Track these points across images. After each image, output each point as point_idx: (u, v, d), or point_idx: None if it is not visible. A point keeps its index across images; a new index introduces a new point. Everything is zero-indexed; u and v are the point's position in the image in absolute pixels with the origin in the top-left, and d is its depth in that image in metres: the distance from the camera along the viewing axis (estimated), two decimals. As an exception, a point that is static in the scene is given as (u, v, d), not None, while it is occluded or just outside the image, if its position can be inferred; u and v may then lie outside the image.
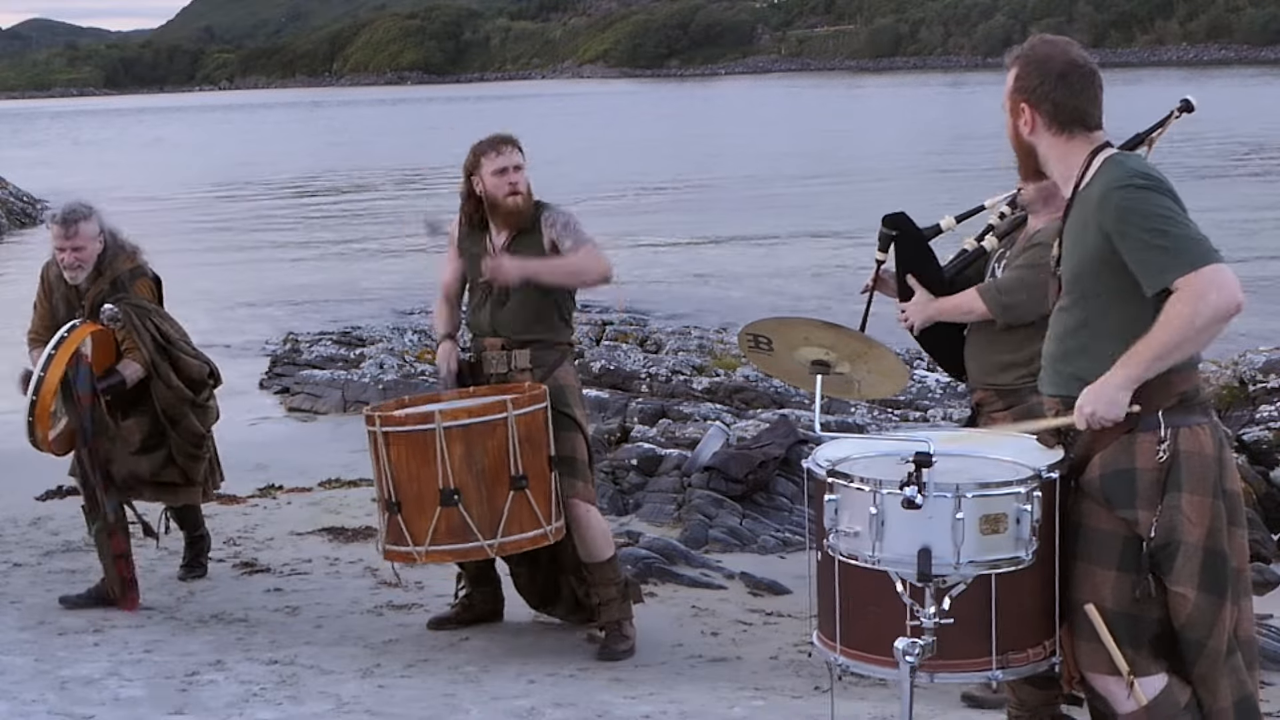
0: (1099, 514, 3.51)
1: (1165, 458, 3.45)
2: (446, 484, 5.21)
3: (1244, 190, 28.61)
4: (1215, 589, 3.48)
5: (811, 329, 4.15)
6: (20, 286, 20.33)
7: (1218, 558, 3.48)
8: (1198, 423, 3.49)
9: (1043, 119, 3.58)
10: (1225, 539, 3.49)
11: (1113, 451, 3.49)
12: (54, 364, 5.87)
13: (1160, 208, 3.39)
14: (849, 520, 3.46)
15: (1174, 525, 3.45)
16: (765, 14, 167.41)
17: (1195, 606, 3.46)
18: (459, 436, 5.21)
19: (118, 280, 6.22)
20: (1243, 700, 3.53)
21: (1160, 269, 3.37)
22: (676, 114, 73.46)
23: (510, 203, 5.54)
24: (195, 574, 6.60)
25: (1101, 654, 3.50)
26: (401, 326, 15.69)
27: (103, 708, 4.74)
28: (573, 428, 5.54)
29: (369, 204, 33.88)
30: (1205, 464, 3.47)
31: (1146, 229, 3.38)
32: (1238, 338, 14.01)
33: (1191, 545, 3.46)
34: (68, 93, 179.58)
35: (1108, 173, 3.48)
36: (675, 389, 11.62)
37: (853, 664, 3.62)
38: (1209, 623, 3.48)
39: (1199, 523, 3.46)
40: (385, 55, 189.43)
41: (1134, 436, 3.47)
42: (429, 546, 5.29)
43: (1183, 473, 3.45)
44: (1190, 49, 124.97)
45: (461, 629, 5.84)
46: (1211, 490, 3.47)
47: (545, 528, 5.36)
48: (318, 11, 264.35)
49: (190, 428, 6.34)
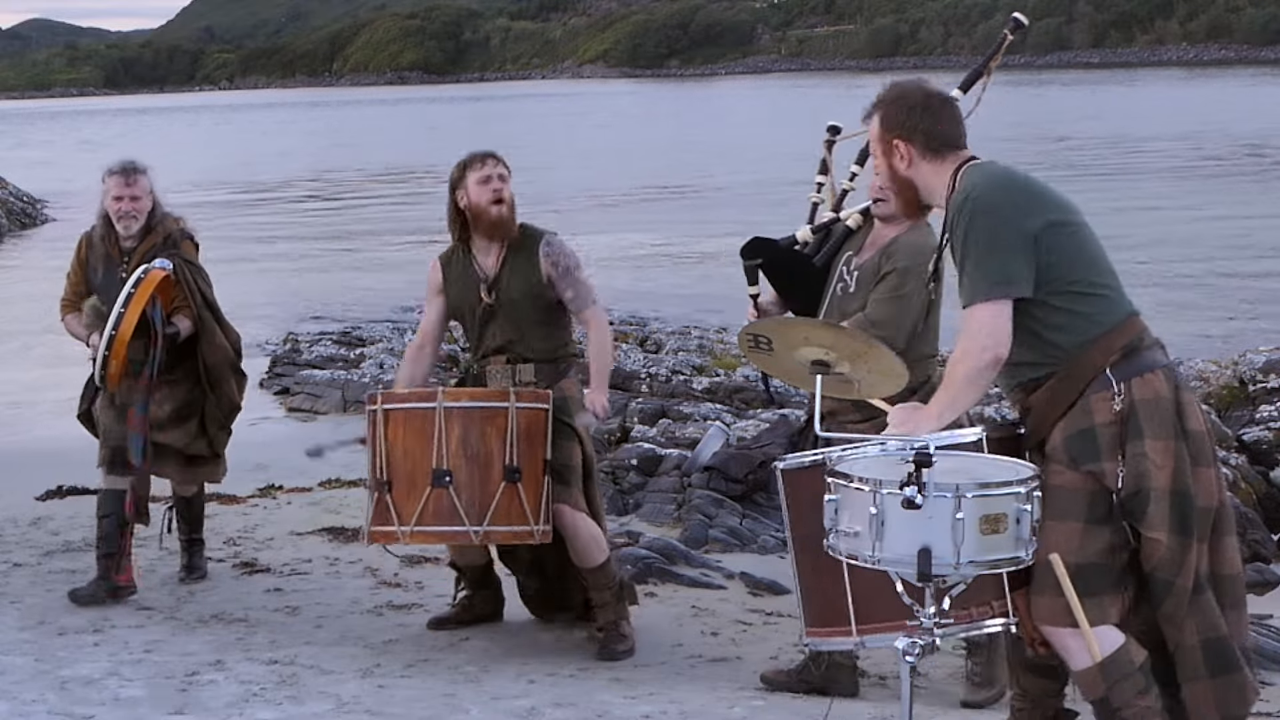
0: (1064, 474, 3.62)
1: (1122, 408, 3.57)
2: (440, 464, 5.22)
3: (1244, 190, 28.61)
4: (1183, 529, 3.58)
5: (811, 329, 4.15)
6: (21, 286, 20.34)
7: (1183, 499, 3.58)
8: (1149, 369, 3.61)
9: (917, 150, 3.76)
10: (1189, 479, 3.59)
11: (1071, 417, 3.62)
12: (134, 302, 5.93)
13: (977, 229, 3.58)
14: (849, 520, 3.46)
15: (1142, 472, 3.55)
16: (765, 14, 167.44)
17: (1166, 549, 3.56)
18: (458, 418, 5.24)
19: (169, 237, 6.32)
20: (1212, 640, 3.61)
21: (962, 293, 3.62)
22: (676, 114, 73.48)
23: (494, 211, 5.54)
24: (195, 576, 6.60)
25: (1060, 605, 3.58)
26: (401, 326, 15.68)
27: (103, 708, 4.74)
28: (571, 437, 5.53)
29: (369, 204, 33.89)
30: (1162, 407, 3.58)
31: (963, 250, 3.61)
32: (1239, 338, 14.03)
33: (1160, 489, 3.56)
34: (68, 93, 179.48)
35: (960, 186, 3.67)
36: (675, 389, 11.62)
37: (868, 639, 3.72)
38: (1177, 563, 3.57)
39: (1164, 465, 3.56)
40: (385, 55, 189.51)
41: (1087, 399, 3.60)
42: (414, 526, 5.27)
43: (1141, 420, 3.57)
44: (1190, 49, 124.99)
45: (461, 629, 5.84)
46: (1172, 432, 3.58)
47: (532, 526, 5.35)
48: (318, 11, 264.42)
49: (229, 394, 6.44)
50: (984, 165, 3.72)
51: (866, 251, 5.08)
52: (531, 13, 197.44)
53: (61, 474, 8.49)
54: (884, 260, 4.98)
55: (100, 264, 6.34)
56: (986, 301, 3.54)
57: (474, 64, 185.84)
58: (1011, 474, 3.45)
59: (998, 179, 3.65)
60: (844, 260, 5.13)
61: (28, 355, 14.70)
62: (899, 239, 4.99)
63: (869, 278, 5.00)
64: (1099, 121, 46.44)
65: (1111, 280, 3.69)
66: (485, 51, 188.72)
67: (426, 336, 5.85)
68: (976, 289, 3.56)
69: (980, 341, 3.55)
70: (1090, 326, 3.62)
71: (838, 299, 5.09)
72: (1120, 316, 3.65)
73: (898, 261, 4.94)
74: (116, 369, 6.05)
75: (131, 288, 5.98)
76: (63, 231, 26.59)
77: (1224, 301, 16.50)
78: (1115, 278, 3.72)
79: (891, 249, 4.98)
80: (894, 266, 4.94)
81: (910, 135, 3.76)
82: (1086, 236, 3.69)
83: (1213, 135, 39.75)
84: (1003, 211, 3.57)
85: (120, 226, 6.28)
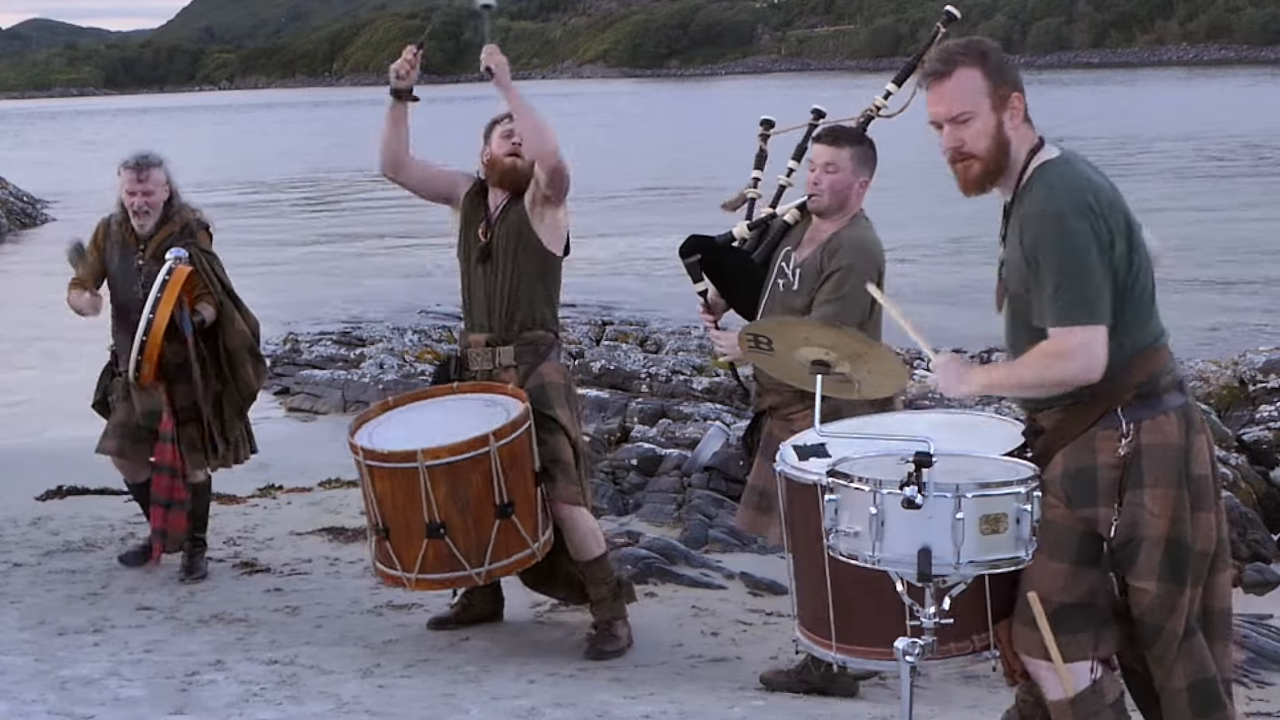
0: (1058, 509, 3.51)
1: (1127, 453, 3.45)
2: (432, 518, 5.20)
3: (1244, 190, 28.60)
4: (1175, 578, 3.47)
5: (811, 329, 4.15)
6: (21, 287, 20.34)
7: (1179, 547, 3.47)
8: (1162, 412, 3.46)
9: (1024, 107, 3.49)
10: (1188, 528, 3.47)
11: (1074, 449, 3.50)
12: (162, 305, 6.12)
13: (1067, 245, 3.36)
14: (849, 520, 3.46)
15: (1136, 522, 3.45)
16: (765, 14, 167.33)
17: (1155, 597, 3.47)
18: (443, 474, 5.17)
19: (186, 227, 6.43)
20: (1201, 682, 3.52)
21: (1041, 310, 3.42)
22: (677, 114, 73.45)
23: (508, 161, 5.58)
24: (195, 576, 6.59)
25: (1036, 639, 3.51)
26: (401, 326, 15.67)
27: (103, 708, 4.74)
28: (555, 430, 5.51)
29: (369, 204, 33.88)
30: (1169, 454, 3.45)
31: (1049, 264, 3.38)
32: (1239, 338, 14.02)
33: (1153, 539, 3.45)
34: (68, 93, 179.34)
35: (1038, 189, 3.43)
36: (675, 389, 11.62)
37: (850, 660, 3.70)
38: (1167, 609, 3.48)
39: (1162, 514, 3.45)
40: (385, 55, 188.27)
41: (1094, 434, 3.48)
42: (418, 574, 5.30)
43: (1144, 467, 3.45)
44: (1190, 49, 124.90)
45: (461, 629, 5.84)
46: (1175, 480, 3.45)
47: (533, 546, 5.36)
48: (318, 11, 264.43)
49: (246, 379, 6.53)
50: (1067, 168, 3.44)
51: (806, 247, 5.08)
52: (531, 13, 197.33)
53: (61, 474, 8.49)
54: (826, 258, 4.98)
55: (116, 251, 6.45)
56: (1090, 326, 3.36)
57: (474, 64, 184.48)
58: (1012, 474, 3.45)
59: (1101, 191, 3.40)
60: (783, 256, 5.14)
61: (28, 356, 14.70)
62: (840, 234, 5.00)
63: (812, 275, 5.00)
64: (1099, 121, 46.40)
65: (1146, 308, 3.49)
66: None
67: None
68: (1079, 310, 3.35)
69: (1089, 359, 3.36)
70: (1113, 363, 3.43)
71: (779, 294, 5.09)
72: (1145, 351, 3.47)
73: (841, 259, 4.94)
74: (149, 370, 6.23)
75: (159, 291, 6.11)
76: (63, 231, 26.61)
77: (1224, 301, 16.52)
78: (1153, 300, 3.52)
79: (833, 245, 4.98)
80: (838, 265, 4.94)
81: (1021, 89, 3.46)
82: (1143, 262, 3.48)
83: (1213, 135, 39.71)
84: (1099, 233, 3.36)
85: (135, 222, 6.40)
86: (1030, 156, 3.47)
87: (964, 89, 3.44)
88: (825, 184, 5.01)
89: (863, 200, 5.10)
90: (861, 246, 4.97)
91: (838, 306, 4.91)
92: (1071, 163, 3.47)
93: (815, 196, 5.01)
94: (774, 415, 5.15)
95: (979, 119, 3.46)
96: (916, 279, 18.45)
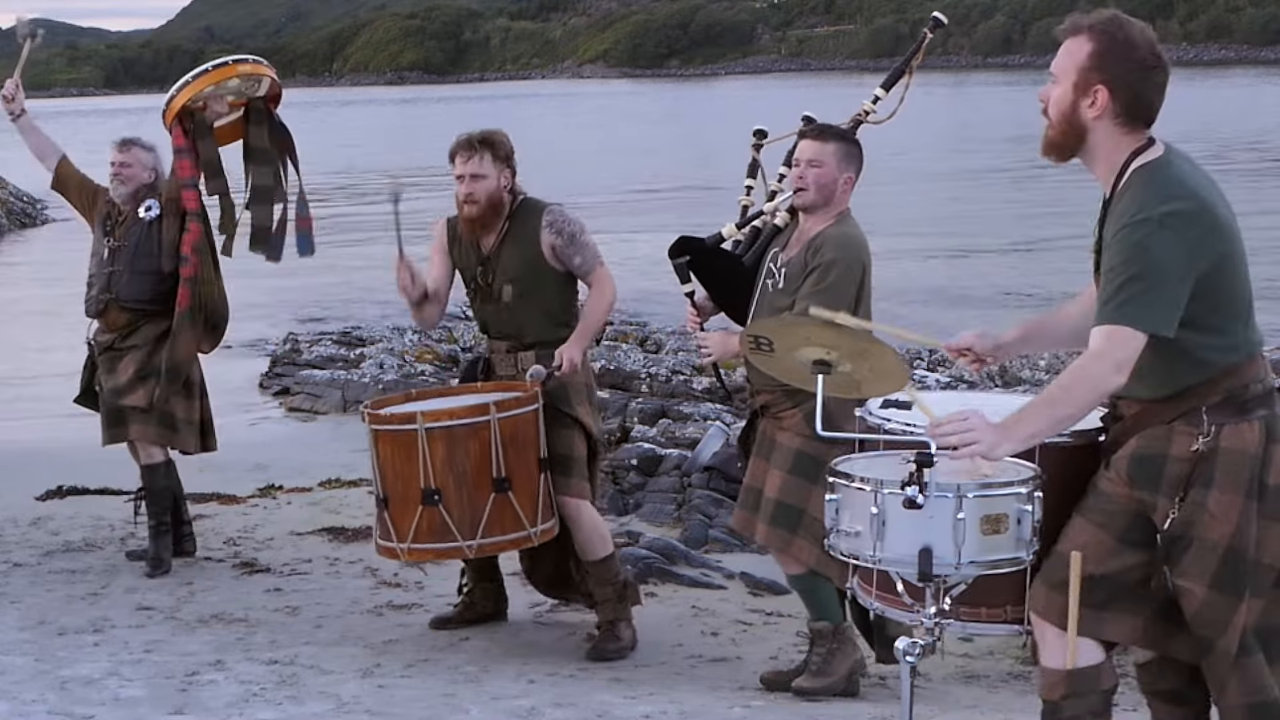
0: (1116, 484, 3.45)
1: (1203, 450, 3.36)
2: (428, 484, 5.23)
3: (1244, 190, 28.62)
4: (1231, 588, 3.38)
5: (812, 329, 4.14)
6: (21, 287, 20.33)
7: (1239, 557, 3.38)
8: (1246, 420, 3.38)
9: (1116, 106, 3.36)
10: (1252, 539, 3.38)
11: (1148, 437, 3.42)
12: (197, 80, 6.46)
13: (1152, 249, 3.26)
14: (850, 520, 3.46)
15: (1193, 521, 3.37)
16: (765, 14, 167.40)
17: (1204, 603, 3.38)
18: (441, 437, 5.22)
19: (166, 195, 6.66)
20: (1259, 705, 3.41)
21: (1097, 307, 3.35)
22: (677, 114, 73.45)
23: (465, 210, 5.53)
24: (160, 571, 6.58)
25: (1056, 602, 3.46)
26: (401, 326, 15.66)
27: (103, 708, 4.74)
28: (571, 425, 5.52)
29: (369, 204, 33.87)
30: (1244, 461, 3.37)
31: (1125, 265, 3.29)
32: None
33: (1210, 542, 3.37)
34: (67, 93, 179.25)
35: (1136, 189, 3.35)
36: (675, 389, 11.62)
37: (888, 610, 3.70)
38: (1222, 621, 3.39)
39: (1224, 520, 3.36)
40: (385, 55, 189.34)
41: (1173, 427, 3.40)
42: (411, 544, 5.35)
43: (1217, 469, 3.36)
44: (1190, 49, 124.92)
45: (462, 629, 5.84)
46: (1245, 489, 3.37)
47: (529, 530, 5.36)
48: (318, 11, 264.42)
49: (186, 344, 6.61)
50: (1171, 171, 3.35)
51: (793, 247, 5.09)
52: (531, 13, 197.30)
53: (61, 474, 8.49)
54: (810, 255, 4.99)
55: (100, 220, 6.78)
56: (1130, 328, 3.25)
57: (474, 64, 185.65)
58: (1013, 474, 3.44)
59: (1195, 197, 3.32)
60: (771, 257, 5.15)
61: (28, 356, 14.70)
62: (824, 232, 5.00)
63: (796, 273, 5.01)
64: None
65: (1243, 317, 3.41)
66: (485, 51, 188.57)
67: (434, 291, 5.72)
68: (1125, 311, 3.26)
69: (1114, 362, 3.25)
70: (1205, 369, 3.36)
71: (768, 295, 5.10)
72: (1239, 359, 3.39)
73: (824, 255, 4.94)
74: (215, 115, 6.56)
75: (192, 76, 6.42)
76: (63, 232, 26.60)
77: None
78: (1250, 310, 3.43)
79: (817, 242, 4.99)
80: (820, 261, 4.95)
81: (1118, 89, 3.34)
82: (1238, 269, 3.40)
83: (1213, 135, 39.75)
84: (1186, 241, 3.27)
85: (110, 187, 6.71)
86: (1133, 156, 3.39)
87: (1068, 53, 3.40)
88: (810, 179, 5.02)
89: (849, 199, 5.10)
90: (845, 242, 4.98)
91: (818, 301, 4.91)
92: (1173, 164, 3.38)
93: (801, 191, 5.02)
94: (766, 415, 5.15)
95: (1060, 87, 3.41)
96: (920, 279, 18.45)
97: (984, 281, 18.91)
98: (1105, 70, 3.35)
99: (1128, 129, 3.38)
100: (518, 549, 5.51)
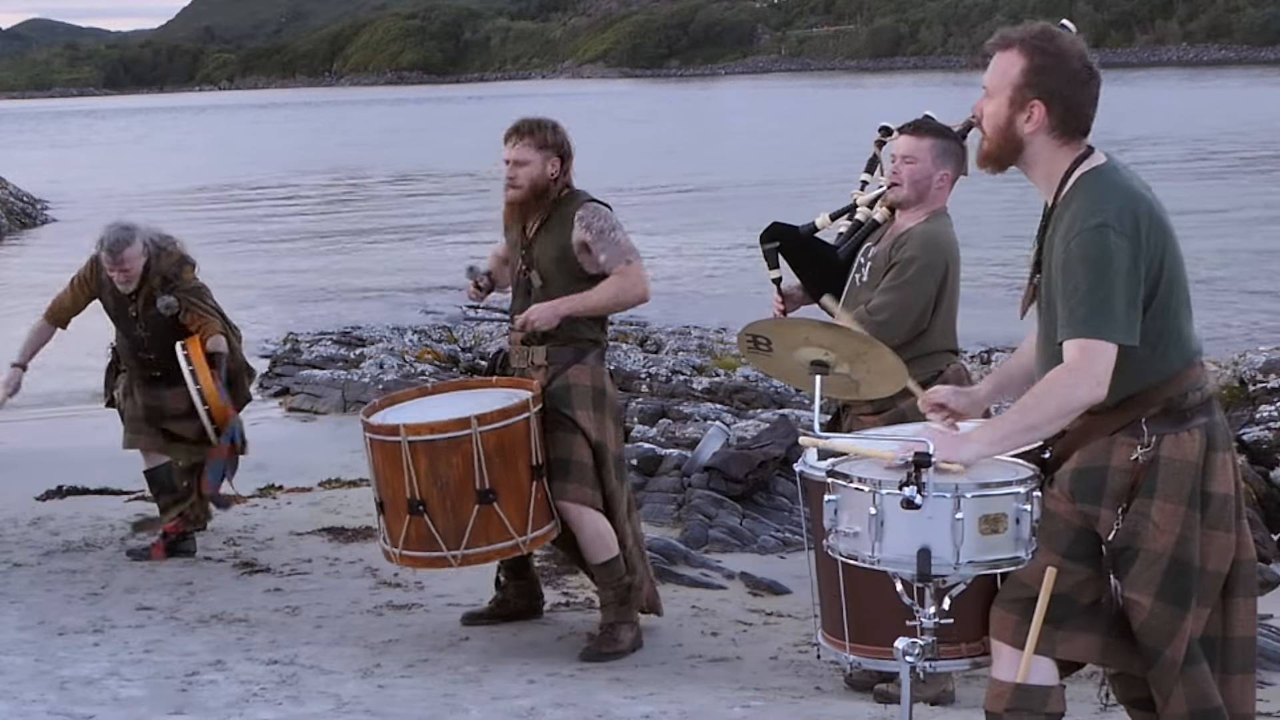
0: (1059, 501, 3.45)
1: (1143, 460, 3.37)
2: (413, 494, 5.26)
3: (1244, 190, 28.60)
4: (1176, 599, 3.38)
5: (811, 329, 4.14)
6: (20, 287, 20.33)
7: (1183, 567, 3.38)
8: (1187, 429, 3.39)
9: (1052, 120, 3.39)
10: (1196, 548, 3.39)
11: (1090, 451, 3.43)
12: (202, 380, 6.69)
13: (1098, 257, 3.27)
14: (848, 520, 3.46)
15: (1137, 531, 3.38)
16: (765, 14, 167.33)
17: (1151, 614, 3.38)
18: (423, 450, 5.23)
19: (165, 276, 6.79)
20: (1203, 712, 3.41)
21: (1061, 321, 3.33)
22: (676, 114, 73.43)
23: (508, 194, 5.55)
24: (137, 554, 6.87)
25: (1011, 621, 3.44)
26: (401, 326, 15.68)
27: (103, 708, 4.74)
28: (572, 429, 5.47)
29: (369, 204, 33.88)
30: (1184, 470, 3.37)
31: (1077, 275, 3.29)
32: (1239, 338, 14.00)
33: (1154, 553, 3.37)
34: (67, 93, 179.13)
35: (1081, 196, 3.36)
36: (675, 389, 11.63)
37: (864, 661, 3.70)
38: (1167, 632, 3.38)
39: (1167, 530, 3.36)
40: (385, 55, 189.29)
41: (1114, 439, 3.41)
42: (402, 550, 5.41)
43: (1159, 478, 3.37)
44: (1190, 49, 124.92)
45: (462, 629, 5.84)
46: (1187, 498, 3.37)
47: (517, 539, 5.36)
48: (318, 11, 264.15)
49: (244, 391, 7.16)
50: (1114, 177, 3.37)
51: (883, 242, 5.09)
52: (531, 13, 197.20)
53: (61, 474, 8.49)
54: (894, 250, 4.99)
55: (110, 298, 6.88)
56: (1101, 340, 3.26)
57: (474, 64, 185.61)
58: (1011, 474, 3.44)
59: (1133, 204, 3.33)
60: (864, 251, 5.16)
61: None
62: (913, 229, 4.99)
63: (880, 268, 5.01)
64: (1098, 121, 46.33)
65: (1181, 323, 3.41)
66: (485, 51, 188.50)
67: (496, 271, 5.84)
68: (1092, 324, 3.27)
69: (1093, 376, 3.26)
70: (1144, 376, 3.36)
71: (855, 289, 5.12)
72: (1177, 366, 3.39)
73: (906, 251, 4.93)
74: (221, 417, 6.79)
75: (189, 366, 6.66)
76: (63, 231, 26.62)
77: (1224, 300, 16.52)
78: (1188, 315, 3.44)
79: (903, 239, 4.98)
80: (901, 257, 4.94)
81: (1052, 103, 3.36)
82: (1178, 273, 3.39)
83: (1213, 135, 39.73)
84: (1134, 249, 3.28)
85: (120, 288, 6.81)
86: (1075, 165, 3.40)
87: (1000, 68, 3.42)
88: (905, 174, 5.00)
89: (945, 197, 5.07)
90: (930, 240, 4.95)
91: (893, 296, 4.90)
92: (1117, 172, 3.40)
93: (895, 186, 5.02)
94: (848, 415, 5.11)
95: (994, 102, 3.43)
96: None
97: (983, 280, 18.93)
98: (1040, 86, 3.37)
99: (1064, 140, 3.41)
100: (505, 558, 5.53)
